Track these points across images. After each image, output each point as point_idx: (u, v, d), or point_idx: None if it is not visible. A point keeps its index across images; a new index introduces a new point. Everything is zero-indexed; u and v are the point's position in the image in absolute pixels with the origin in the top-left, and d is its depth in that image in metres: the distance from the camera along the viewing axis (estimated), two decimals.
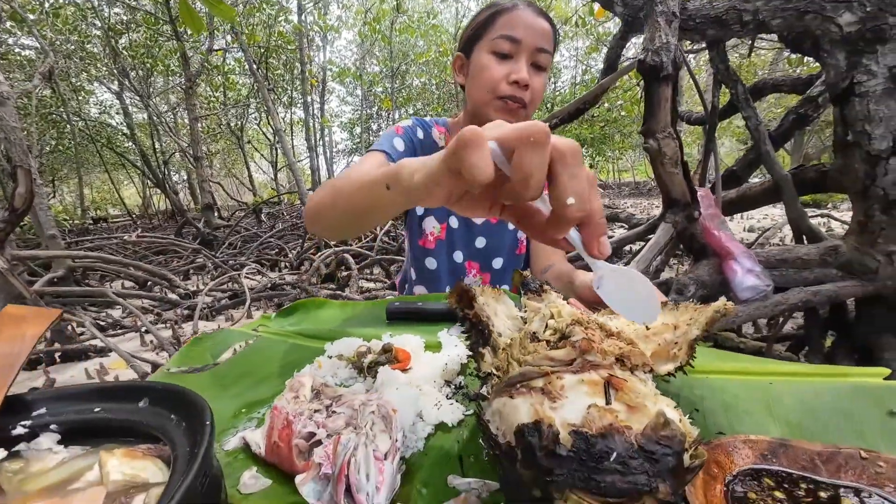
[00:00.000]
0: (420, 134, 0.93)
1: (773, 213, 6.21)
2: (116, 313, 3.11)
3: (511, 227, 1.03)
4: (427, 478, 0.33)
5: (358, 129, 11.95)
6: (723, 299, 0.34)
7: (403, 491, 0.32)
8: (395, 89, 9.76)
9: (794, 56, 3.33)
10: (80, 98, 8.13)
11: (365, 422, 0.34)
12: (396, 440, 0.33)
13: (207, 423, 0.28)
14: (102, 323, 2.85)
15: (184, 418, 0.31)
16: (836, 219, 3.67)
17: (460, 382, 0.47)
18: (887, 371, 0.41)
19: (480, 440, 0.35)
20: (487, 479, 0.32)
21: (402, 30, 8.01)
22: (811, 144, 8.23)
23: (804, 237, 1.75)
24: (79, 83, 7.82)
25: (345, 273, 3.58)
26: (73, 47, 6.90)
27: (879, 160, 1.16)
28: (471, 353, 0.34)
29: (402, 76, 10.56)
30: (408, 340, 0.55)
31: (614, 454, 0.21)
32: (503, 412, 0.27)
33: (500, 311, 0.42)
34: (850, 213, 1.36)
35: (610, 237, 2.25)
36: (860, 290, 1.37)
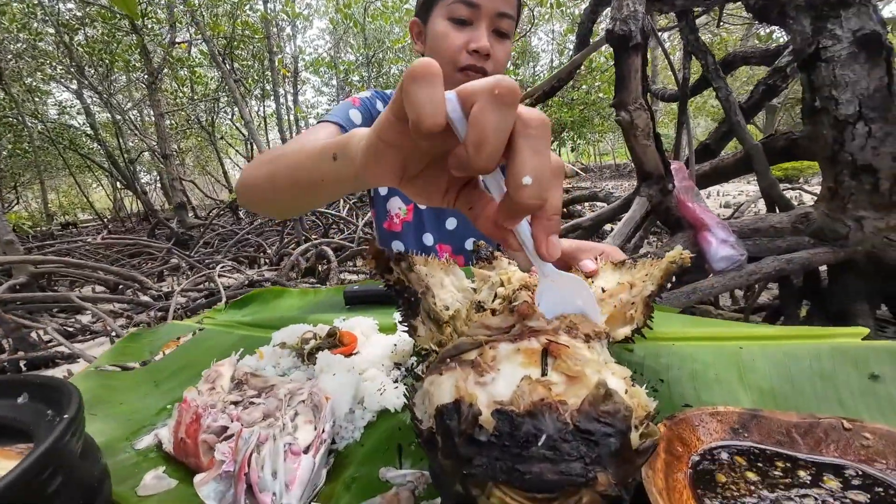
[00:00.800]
0: (380, 106, 0.86)
1: (748, 189, 6.35)
2: (86, 319, 2.97)
3: None
4: (359, 471, 0.29)
5: None
6: (678, 248, 0.31)
7: (329, 487, 0.28)
8: (372, 77, 9.52)
9: (763, 33, 3.35)
10: (35, 99, 7.68)
11: (287, 412, 0.29)
12: (323, 431, 0.29)
13: (66, 415, 0.23)
14: (70, 329, 2.73)
15: (59, 414, 0.27)
16: (807, 191, 3.77)
17: (412, 364, 0.43)
18: (865, 331, 0.39)
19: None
20: (426, 470, 0.28)
21: (375, 16, 7.78)
22: (782, 121, 8.40)
23: (776, 206, 1.77)
24: (34, 83, 7.37)
25: (325, 266, 3.50)
26: (23, 46, 6.48)
27: (847, 125, 1.15)
28: (405, 328, 0.30)
29: (379, 64, 10.29)
30: (359, 322, 0.51)
31: (543, 437, 0.17)
32: (430, 392, 0.23)
33: (447, 283, 0.37)
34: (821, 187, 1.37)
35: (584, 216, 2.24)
36: (832, 257, 1.38)
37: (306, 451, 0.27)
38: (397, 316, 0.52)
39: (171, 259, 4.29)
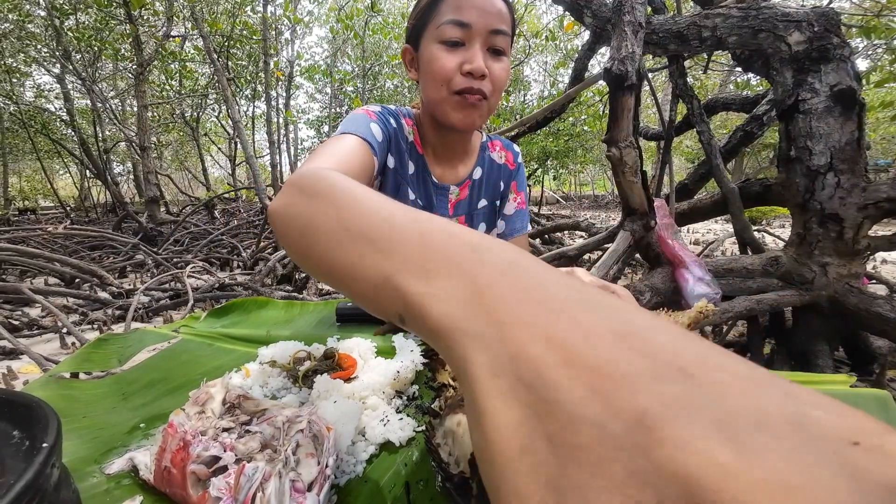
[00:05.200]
0: (392, 122, 0.84)
1: (715, 228, 6.70)
2: (35, 312, 2.76)
3: (480, 231, 0.97)
4: None
5: (326, 128, 11.61)
6: (704, 301, 0.31)
7: None
8: (367, 89, 9.57)
9: (740, 80, 3.60)
10: (13, 80, 7.33)
11: (287, 444, 0.27)
12: (326, 466, 0.27)
13: (46, 444, 0.21)
14: (16, 322, 2.52)
15: (28, 437, 0.24)
16: (770, 233, 3.99)
17: (414, 393, 0.41)
18: (853, 378, 0.40)
19: (432, 463, 0.29)
20: None
21: (375, 30, 7.89)
22: (749, 165, 8.97)
23: (748, 248, 1.86)
24: (14, 64, 7.05)
25: (303, 274, 3.41)
26: (10, 27, 6.24)
27: (818, 175, 1.23)
28: (426, 358, 0.29)
29: (375, 77, 10.37)
30: (357, 344, 0.49)
31: None
32: (457, 434, 0.22)
33: None
34: (782, 230, 1.46)
35: (570, 245, 2.29)
36: (798, 300, 1.45)
37: (309, 487, 0.25)
38: (398, 338, 0.50)
39: (136, 255, 4.07)
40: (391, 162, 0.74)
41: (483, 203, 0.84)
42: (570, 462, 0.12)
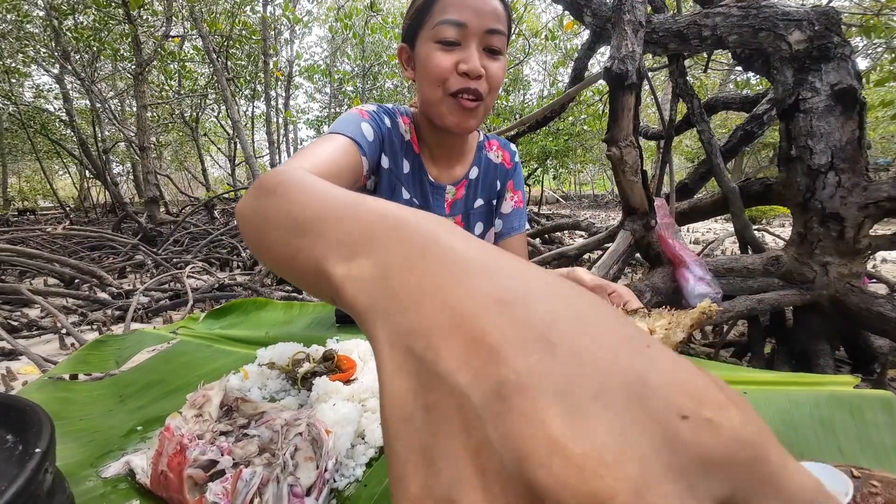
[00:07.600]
0: (387, 122, 0.83)
1: (716, 227, 6.70)
2: (34, 313, 2.76)
3: (478, 230, 0.97)
4: None
5: (325, 128, 11.60)
6: (707, 301, 0.31)
7: None
8: (367, 89, 9.56)
9: (740, 79, 3.60)
10: (12, 80, 7.32)
11: (285, 447, 0.27)
12: (325, 470, 0.26)
13: (39, 449, 0.20)
14: (15, 322, 2.51)
15: (22, 441, 0.23)
16: (770, 232, 3.99)
17: None
18: (857, 380, 0.40)
19: None
20: None
21: (374, 29, 7.89)
22: (749, 164, 8.97)
23: (748, 247, 1.86)
24: (13, 65, 7.04)
25: None
26: (9, 27, 6.24)
27: (819, 174, 1.23)
28: None
29: (374, 77, 10.36)
30: (356, 346, 0.48)
31: None
32: None
33: None
34: (783, 229, 1.46)
35: (570, 244, 2.29)
36: (799, 299, 1.45)
37: (308, 492, 0.24)
38: None
39: (136, 255, 4.07)
40: (385, 162, 0.74)
41: (479, 202, 0.83)
42: (439, 430, 0.13)
